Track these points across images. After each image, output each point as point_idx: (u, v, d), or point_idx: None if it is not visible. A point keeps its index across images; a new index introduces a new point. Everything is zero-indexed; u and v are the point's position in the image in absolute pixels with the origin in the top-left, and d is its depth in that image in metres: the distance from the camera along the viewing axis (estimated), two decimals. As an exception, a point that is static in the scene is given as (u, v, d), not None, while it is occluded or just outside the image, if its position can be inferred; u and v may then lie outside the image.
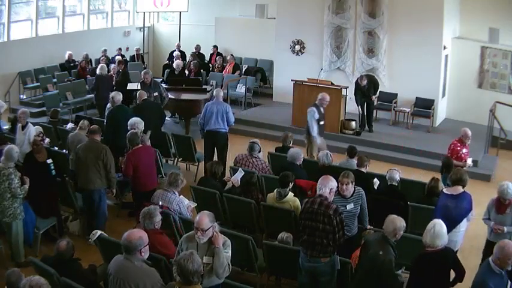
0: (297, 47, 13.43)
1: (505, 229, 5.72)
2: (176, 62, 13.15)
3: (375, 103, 11.90)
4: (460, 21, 12.80)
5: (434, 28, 11.63)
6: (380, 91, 12.12)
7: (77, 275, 4.49)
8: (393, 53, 12.27)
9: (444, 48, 11.95)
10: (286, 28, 13.46)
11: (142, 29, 16.91)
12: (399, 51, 12.14)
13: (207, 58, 15.68)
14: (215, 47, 15.48)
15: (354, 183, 5.52)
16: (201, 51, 15.62)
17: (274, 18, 14.12)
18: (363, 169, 6.87)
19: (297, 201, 6.12)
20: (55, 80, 13.28)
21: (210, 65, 15.15)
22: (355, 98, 11.37)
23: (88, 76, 13.44)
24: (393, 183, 6.49)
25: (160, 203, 5.75)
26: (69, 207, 7.17)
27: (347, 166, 7.23)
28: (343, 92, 11.26)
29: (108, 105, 9.18)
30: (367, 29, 12.47)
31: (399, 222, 4.63)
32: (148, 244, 4.13)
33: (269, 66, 15.04)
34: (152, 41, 17.82)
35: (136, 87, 12.27)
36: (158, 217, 4.98)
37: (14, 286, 4.01)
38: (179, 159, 9.37)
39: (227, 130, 8.94)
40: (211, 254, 4.27)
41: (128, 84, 12.08)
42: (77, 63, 13.97)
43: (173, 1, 16.12)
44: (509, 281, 4.31)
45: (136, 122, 7.67)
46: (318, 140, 9.10)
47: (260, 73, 14.78)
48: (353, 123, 11.42)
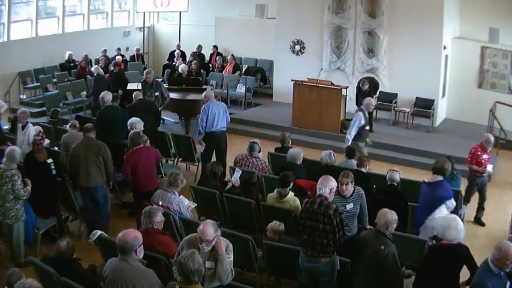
0: (297, 47, 13.43)
1: None
2: (181, 67, 12.98)
3: (375, 103, 11.88)
4: (460, 21, 12.80)
5: (434, 28, 11.64)
6: (380, 91, 12.14)
7: (77, 275, 4.49)
8: (393, 53, 12.28)
9: (444, 48, 11.96)
10: (286, 28, 13.47)
11: (142, 29, 16.91)
12: (399, 51, 12.14)
13: (207, 58, 15.69)
14: (215, 47, 15.49)
15: (354, 183, 5.53)
16: (201, 51, 15.63)
17: (274, 18, 14.12)
18: (363, 169, 6.87)
19: (297, 201, 6.13)
20: (55, 80, 13.28)
21: (210, 65, 15.15)
22: (356, 100, 11.35)
23: (88, 76, 13.44)
24: (393, 183, 6.50)
25: (160, 203, 5.75)
26: (69, 207, 7.15)
27: (347, 166, 7.23)
28: (343, 92, 11.27)
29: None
30: (367, 29, 12.48)
31: (390, 215, 4.74)
32: (143, 243, 4.11)
33: (269, 66, 15.04)
34: (152, 41, 17.82)
35: (136, 87, 12.29)
36: (159, 217, 4.96)
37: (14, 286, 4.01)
38: (179, 159, 9.37)
39: (225, 128, 8.92)
40: (213, 259, 4.21)
41: (128, 84, 12.10)
42: (77, 63, 13.97)
43: (173, 1, 16.12)
44: (508, 282, 4.30)
45: (135, 122, 7.68)
46: (350, 142, 8.67)
47: (260, 73, 14.79)
48: (353, 123, 11.41)
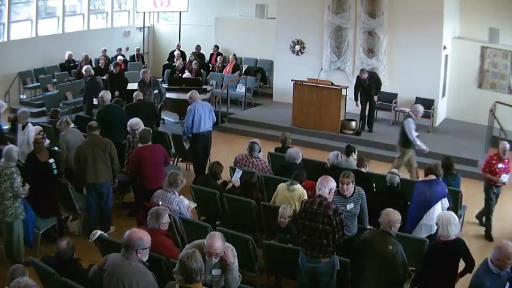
0: (297, 47, 13.43)
1: None
2: (186, 74, 13.17)
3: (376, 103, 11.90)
4: (460, 21, 12.80)
5: (434, 28, 11.63)
6: (380, 91, 12.11)
7: (77, 275, 4.49)
8: (393, 53, 12.27)
9: (444, 48, 11.95)
10: (286, 28, 13.46)
11: (142, 29, 16.91)
12: (399, 51, 12.14)
13: (207, 58, 15.69)
14: (216, 47, 15.49)
15: (354, 183, 5.53)
16: (201, 51, 15.63)
17: (274, 18, 14.11)
18: (363, 169, 6.86)
19: (305, 193, 6.14)
20: (55, 80, 13.29)
21: (210, 65, 15.15)
22: (354, 93, 11.32)
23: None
24: (393, 185, 6.52)
25: (160, 203, 5.75)
26: (69, 208, 7.14)
27: (346, 166, 7.23)
28: (343, 92, 11.26)
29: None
30: (367, 29, 12.48)
31: (393, 215, 4.80)
32: (149, 248, 4.06)
33: (269, 66, 15.03)
34: (152, 41, 17.82)
35: (136, 86, 12.30)
36: (165, 218, 4.96)
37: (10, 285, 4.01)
38: (179, 159, 9.37)
39: (211, 128, 8.94)
40: (219, 267, 4.19)
41: (129, 84, 12.11)
42: (77, 63, 13.97)
43: (173, 1, 16.11)
44: (508, 283, 4.30)
45: (137, 123, 7.70)
46: (425, 147, 8.62)
47: (260, 73, 14.78)
48: (353, 123, 11.42)
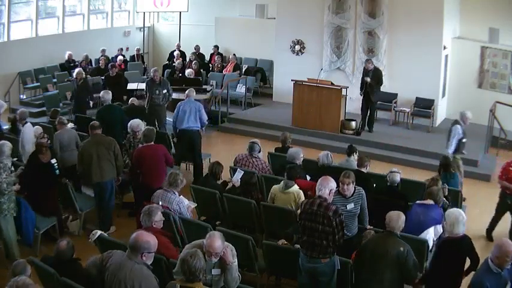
0: (297, 47, 13.43)
1: None
2: (188, 71, 13.21)
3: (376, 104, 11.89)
4: (460, 21, 12.81)
5: (434, 28, 11.63)
6: (381, 85, 12.08)
7: (77, 275, 4.48)
8: (393, 53, 12.27)
9: (444, 48, 11.95)
10: (286, 28, 13.46)
11: (142, 29, 16.91)
12: (399, 51, 12.14)
13: (207, 58, 15.68)
14: (216, 47, 15.49)
15: (355, 183, 5.53)
16: (201, 51, 15.63)
17: (274, 18, 14.11)
18: (363, 169, 6.86)
19: (301, 193, 6.16)
20: (55, 80, 13.28)
21: (210, 65, 15.15)
22: (360, 83, 11.30)
23: (88, 76, 13.43)
24: (394, 184, 6.51)
25: (160, 203, 5.75)
26: (69, 208, 7.15)
27: (346, 166, 7.23)
28: (343, 92, 11.26)
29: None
30: (367, 29, 12.48)
31: (403, 216, 4.85)
32: (154, 252, 4.04)
33: (269, 66, 15.03)
34: (152, 41, 17.82)
35: (136, 86, 12.32)
36: (158, 216, 4.96)
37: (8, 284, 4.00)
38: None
39: (199, 128, 8.94)
40: (219, 266, 4.19)
41: (128, 84, 12.12)
42: (77, 63, 13.96)
43: (173, 1, 16.11)
44: (509, 282, 4.30)
45: (137, 125, 7.72)
46: (451, 156, 8.44)
47: (260, 73, 14.78)
48: (353, 123, 11.42)
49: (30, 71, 13.48)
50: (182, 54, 15.12)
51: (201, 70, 14.20)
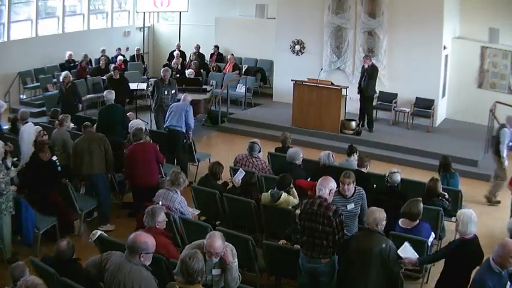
0: (297, 47, 13.43)
1: None
2: (188, 71, 13.31)
3: (375, 103, 11.90)
4: (460, 21, 12.80)
5: (434, 28, 11.63)
6: (380, 91, 12.12)
7: (77, 275, 4.48)
8: (393, 53, 12.27)
9: (444, 48, 11.95)
10: (286, 28, 13.46)
11: (142, 29, 16.90)
12: (399, 51, 12.14)
13: (207, 58, 15.68)
14: (216, 47, 15.50)
15: (355, 183, 5.53)
16: (201, 51, 15.63)
17: (274, 18, 14.11)
18: (364, 169, 6.87)
19: (291, 198, 6.17)
20: (55, 80, 13.27)
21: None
22: (359, 80, 11.36)
23: (88, 76, 13.44)
24: (394, 184, 6.51)
25: (161, 203, 5.75)
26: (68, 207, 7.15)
27: (346, 166, 7.24)
28: (343, 92, 11.26)
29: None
30: (367, 29, 12.48)
31: (378, 212, 4.77)
32: (152, 252, 4.05)
33: (269, 66, 15.03)
34: (152, 41, 17.81)
35: (137, 86, 12.32)
36: (161, 216, 4.96)
37: (18, 280, 4.00)
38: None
39: (181, 129, 8.89)
40: (219, 267, 4.19)
41: (129, 84, 12.12)
42: (77, 63, 13.96)
43: (173, 1, 16.09)
44: (509, 282, 4.29)
45: (138, 124, 7.73)
46: (506, 162, 8.49)
47: (260, 73, 14.78)
48: (353, 123, 11.42)
49: (30, 71, 13.47)
50: (182, 54, 15.12)
51: (201, 70, 14.21)
